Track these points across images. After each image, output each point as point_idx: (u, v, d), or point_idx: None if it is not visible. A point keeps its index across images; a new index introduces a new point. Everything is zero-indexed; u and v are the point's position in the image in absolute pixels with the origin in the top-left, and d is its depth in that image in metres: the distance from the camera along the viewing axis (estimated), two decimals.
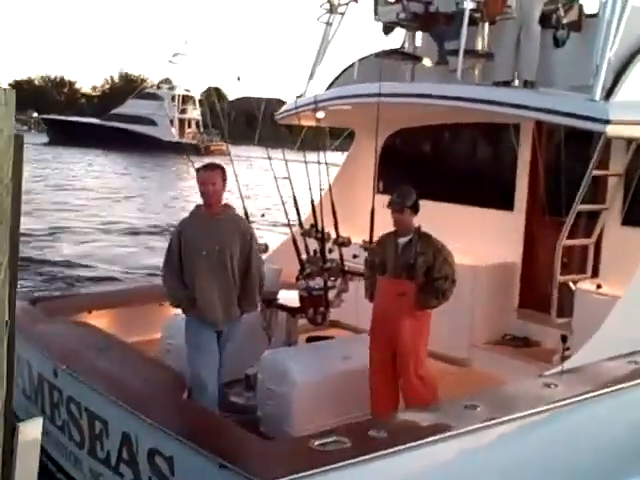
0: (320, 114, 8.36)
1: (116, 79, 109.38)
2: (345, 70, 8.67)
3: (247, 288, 5.61)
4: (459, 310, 7.47)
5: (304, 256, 6.49)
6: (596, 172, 6.36)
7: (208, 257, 5.42)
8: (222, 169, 5.56)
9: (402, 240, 5.79)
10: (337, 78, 8.72)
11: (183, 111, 69.53)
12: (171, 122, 64.40)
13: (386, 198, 9.04)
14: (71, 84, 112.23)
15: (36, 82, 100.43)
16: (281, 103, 9.23)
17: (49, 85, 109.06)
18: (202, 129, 66.60)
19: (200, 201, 5.66)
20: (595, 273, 6.96)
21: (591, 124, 5.85)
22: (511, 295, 7.68)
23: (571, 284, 6.73)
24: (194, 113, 69.90)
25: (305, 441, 4.11)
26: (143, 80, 76.08)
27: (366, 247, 6.40)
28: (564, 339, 5.45)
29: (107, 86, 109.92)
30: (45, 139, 66.58)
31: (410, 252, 5.69)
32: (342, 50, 9.18)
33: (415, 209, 5.88)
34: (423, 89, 7.38)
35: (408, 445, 4.16)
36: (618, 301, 5.95)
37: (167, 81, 70.11)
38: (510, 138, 7.66)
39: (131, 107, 66.02)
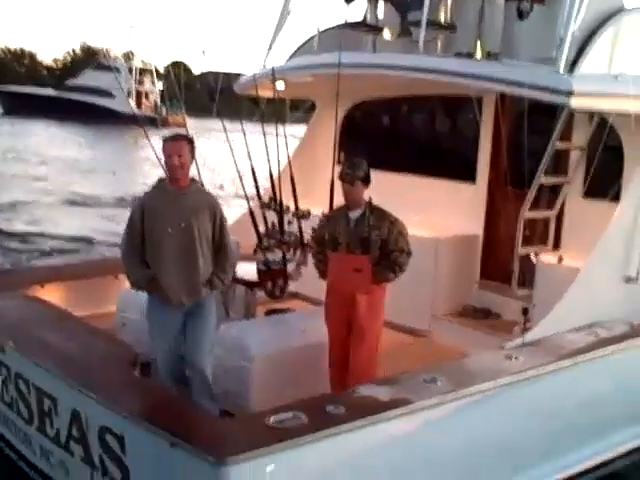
0: (280, 85, 8.17)
1: (78, 51, 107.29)
2: (306, 42, 8.46)
3: (222, 265, 5.10)
4: (420, 282, 7.42)
5: (262, 229, 6.37)
6: (559, 145, 6.31)
7: (174, 235, 4.94)
8: (190, 140, 5.07)
9: (354, 214, 5.59)
10: (298, 49, 8.51)
11: (140, 83, 69.06)
12: (128, 94, 63.65)
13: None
14: (32, 56, 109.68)
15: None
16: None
17: (8, 57, 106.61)
18: (159, 101, 66.39)
19: (162, 174, 5.23)
20: (557, 245, 6.94)
21: (555, 96, 5.75)
22: (473, 267, 7.63)
23: (532, 256, 6.69)
24: (151, 85, 69.74)
25: (260, 418, 4.00)
26: (106, 52, 74.77)
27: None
28: (525, 312, 5.39)
29: (69, 58, 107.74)
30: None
31: (363, 226, 5.51)
32: (303, 21, 8.99)
33: (367, 181, 5.67)
34: (384, 59, 7.24)
35: (366, 420, 4.07)
36: (579, 273, 5.92)
37: (129, 55, 69.15)
38: (472, 110, 7.56)
39: (88, 79, 65.08)
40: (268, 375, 5.42)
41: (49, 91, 68.20)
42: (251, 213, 6.10)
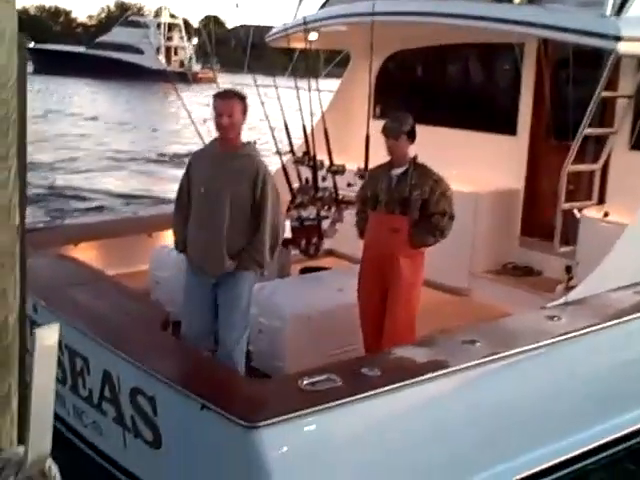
0: (313, 36, 7.94)
1: (112, 8, 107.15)
2: None
3: (255, 243, 4.66)
4: (459, 238, 7.17)
5: (296, 185, 6.22)
6: (605, 93, 5.99)
7: (206, 197, 4.64)
8: (242, 98, 4.67)
9: (396, 171, 5.30)
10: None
11: (169, 39, 68.72)
12: (157, 50, 63.62)
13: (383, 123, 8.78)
14: (67, 13, 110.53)
15: (31, 12, 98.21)
16: None
17: (44, 15, 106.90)
18: (190, 56, 66.35)
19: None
20: (602, 200, 6.66)
21: (601, 41, 5.46)
22: (513, 223, 7.39)
23: (576, 211, 6.44)
24: (180, 41, 69.45)
25: (294, 380, 3.89)
26: (140, 8, 74.65)
27: (361, 175, 6.08)
28: (568, 269, 5.20)
29: (103, 15, 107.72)
30: (30, 68, 65.48)
31: (405, 184, 5.21)
32: None
33: (412, 136, 5.36)
34: (420, 7, 6.96)
35: (402, 383, 3.95)
36: (625, 229, 5.67)
37: (159, 10, 68.76)
38: (513, 58, 7.25)
39: (116, 35, 65.04)
40: (303, 336, 5.31)
41: (79, 48, 68.28)
42: (284, 168, 5.94)
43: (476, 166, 7.43)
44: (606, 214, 6.18)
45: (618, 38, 5.31)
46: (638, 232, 5.65)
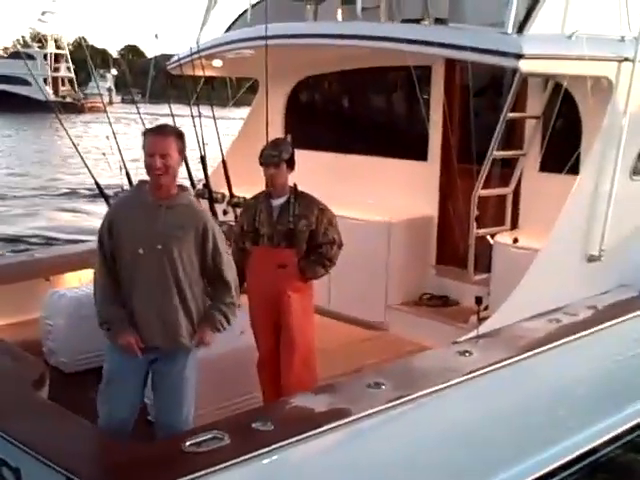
0: (216, 62, 7.64)
1: (28, 39, 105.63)
2: (242, 14, 7.90)
3: (221, 297, 3.99)
4: (373, 270, 6.95)
5: None
6: (511, 115, 5.81)
7: (146, 259, 3.83)
8: (179, 135, 3.89)
9: (277, 202, 4.95)
10: (233, 23, 7.95)
11: (56, 69, 69.53)
12: (45, 81, 63.44)
13: (295, 152, 8.48)
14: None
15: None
16: None
17: None
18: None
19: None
20: (515, 224, 6.48)
21: (503, 59, 5.25)
22: (428, 251, 7.15)
23: (489, 238, 6.22)
24: (67, 71, 70.67)
25: (177, 442, 3.48)
26: (57, 39, 74.19)
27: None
28: (479, 300, 4.93)
29: (19, 46, 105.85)
30: None
31: (288, 215, 4.88)
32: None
33: (292, 164, 5.01)
34: (320, 29, 6.72)
35: (297, 438, 3.57)
36: (537, 254, 5.46)
37: (47, 41, 69.40)
38: (421, 82, 7.04)
39: (3, 67, 64.43)
40: (201, 382, 4.89)
41: None
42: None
43: (389, 193, 7.20)
44: (515, 240, 5.97)
45: (520, 56, 5.11)
46: (549, 258, 5.43)
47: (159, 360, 3.97)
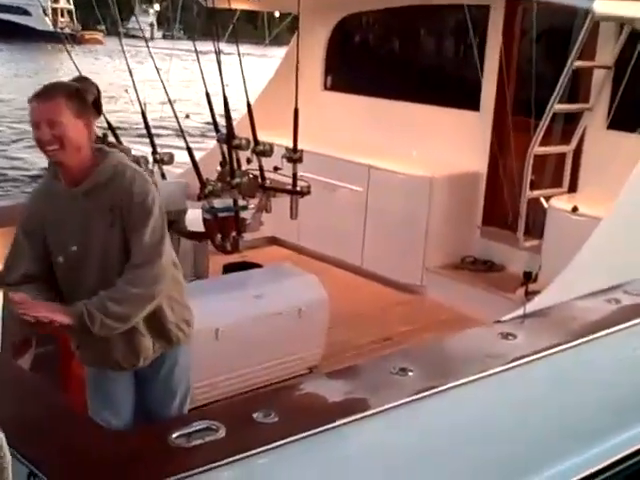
0: None
1: None
2: None
3: (113, 292, 2.93)
4: (411, 228, 6.36)
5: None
6: (578, 63, 5.08)
7: (66, 266, 3.04)
8: (71, 93, 2.92)
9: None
10: None
11: (55, 1, 69.45)
12: (44, 12, 63.92)
13: (335, 95, 7.82)
14: None
15: None
16: None
17: None
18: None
19: None
20: (573, 187, 5.78)
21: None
22: (474, 211, 6.49)
23: (543, 201, 5.55)
24: (67, 3, 70.61)
25: (163, 433, 2.97)
26: None
27: (290, 157, 5.16)
28: (527, 275, 4.30)
29: None
30: None
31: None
32: None
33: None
34: None
35: (303, 434, 3.04)
36: (600, 224, 4.78)
37: None
38: (477, 23, 6.30)
39: None
40: (203, 358, 4.38)
41: None
42: (188, 150, 4.95)
43: (434, 145, 6.54)
44: (575, 209, 5.28)
45: None
46: (613, 227, 4.75)
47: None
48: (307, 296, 4.83)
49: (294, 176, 5.16)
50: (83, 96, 3.00)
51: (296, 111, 5.12)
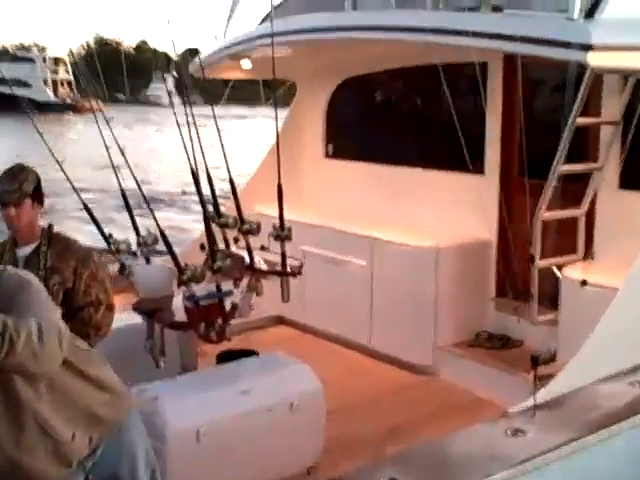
0: (245, 64, 6.76)
1: (92, 44, 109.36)
2: (279, 5, 6.96)
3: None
4: (419, 304, 5.94)
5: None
6: (581, 120, 4.71)
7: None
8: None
9: (24, 251, 3.83)
10: (267, 16, 7.00)
11: (55, 72, 73.17)
12: (44, 83, 65.88)
13: (336, 163, 7.53)
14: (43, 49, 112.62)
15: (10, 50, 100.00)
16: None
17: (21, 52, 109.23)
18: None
19: None
20: (589, 253, 5.33)
21: (567, 52, 4.16)
22: (485, 282, 6.06)
23: (555, 270, 5.12)
24: (66, 74, 73.62)
25: None
26: (118, 43, 78.40)
27: (277, 235, 4.80)
28: (535, 361, 3.84)
29: (83, 51, 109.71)
30: None
31: (38, 269, 3.70)
32: None
33: (39, 198, 3.82)
34: (362, 19, 5.74)
35: None
36: (616, 295, 4.32)
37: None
38: (476, 81, 5.98)
39: (4, 70, 67.60)
40: (190, 458, 3.99)
41: None
42: (161, 233, 4.60)
43: (438, 213, 6.16)
44: (584, 282, 4.83)
45: (588, 47, 4.02)
46: (631, 300, 4.29)
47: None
48: (299, 388, 4.41)
49: (283, 255, 4.79)
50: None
51: (279, 187, 4.80)
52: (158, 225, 4.66)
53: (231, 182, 5.06)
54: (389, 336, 6.08)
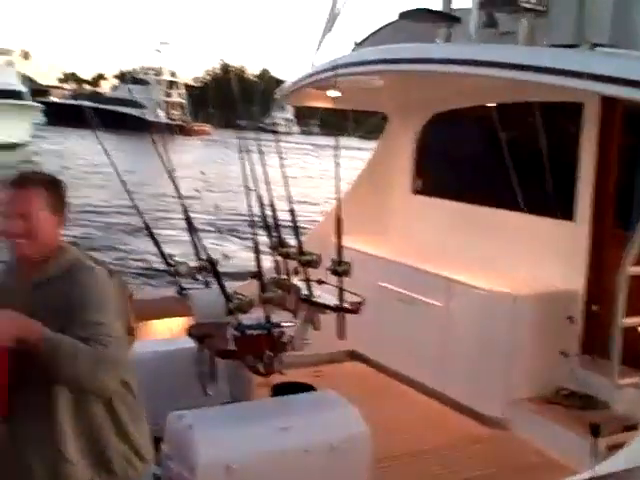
0: (332, 93, 6.64)
1: (217, 70, 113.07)
2: (369, 36, 6.84)
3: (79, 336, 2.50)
4: (492, 353, 5.57)
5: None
6: None
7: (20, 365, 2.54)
8: (47, 184, 2.71)
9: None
10: (359, 44, 6.87)
11: (168, 95, 78.51)
12: (158, 105, 70.06)
13: (424, 200, 7.27)
14: (172, 74, 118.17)
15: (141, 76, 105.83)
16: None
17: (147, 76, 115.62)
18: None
19: None
20: None
21: None
22: (569, 335, 5.61)
23: None
24: (179, 97, 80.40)
25: None
26: (242, 71, 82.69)
27: (334, 270, 4.60)
28: (595, 431, 3.45)
29: (208, 77, 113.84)
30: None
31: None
32: (357, 17, 7.42)
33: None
34: (456, 52, 5.49)
35: None
36: None
37: (162, 70, 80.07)
38: (570, 123, 5.63)
39: (123, 91, 72.65)
40: None
41: (87, 102, 72.37)
42: (209, 261, 4.47)
43: (522, 258, 5.78)
44: None
45: None
46: None
47: None
48: (343, 431, 4.15)
49: (340, 291, 4.58)
50: (62, 191, 2.76)
51: (338, 220, 4.57)
52: (207, 253, 4.59)
53: (291, 212, 4.90)
54: (462, 383, 5.74)
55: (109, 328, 2.56)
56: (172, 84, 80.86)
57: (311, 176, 35.85)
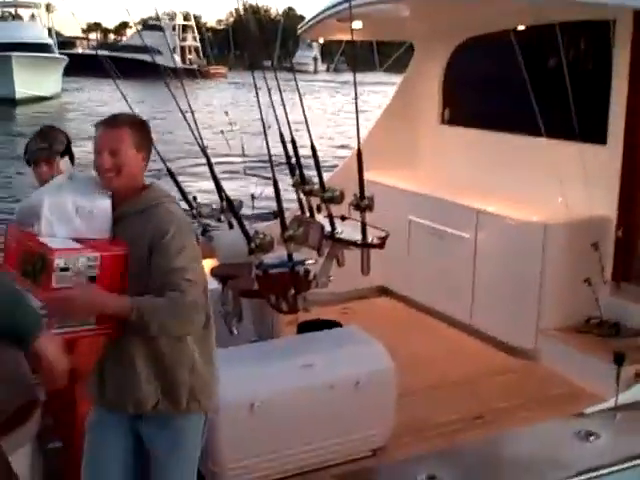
0: (356, 24, 6.44)
1: (240, 10, 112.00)
2: None
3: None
4: (523, 283, 5.50)
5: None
6: None
7: None
8: (135, 125, 2.95)
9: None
10: None
11: (184, 39, 77.17)
12: (174, 50, 68.72)
13: (453, 130, 7.09)
14: (196, 18, 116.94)
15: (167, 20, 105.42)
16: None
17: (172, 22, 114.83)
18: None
19: None
20: None
21: None
22: (601, 263, 5.48)
23: None
24: (193, 40, 79.22)
25: None
26: (266, 10, 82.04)
27: (357, 204, 4.51)
28: (619, 360, 3.37)
29: (231, 19, 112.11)
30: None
31: None
32: None
33: (70, 157, 3.92)
34: None
35: None
36: None
37: (175, 14, 79.95)
38: (600, 42, 5.38)
39: (137, 38, 69.32)
40: (245, 430, 3.84)
41: (103, 52, 71.65)
42: (227, 199, 4.42)
43: (552, 184, 5.62)
44: None
45: None
46: None
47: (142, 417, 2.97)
48: (367, 367, 4.14)
49: (363, 226, 4.50)
50: (147, 130, 3.01)
51: (359, 153, 4.45)
52: (225, 194, 4.53)
53: (312, 148, 4.80)
54: (491, 315, 5.68)
55: (187, 272, 2.74)
56: (186, 28, 79.94)
57: (335, 113, 35.64)
